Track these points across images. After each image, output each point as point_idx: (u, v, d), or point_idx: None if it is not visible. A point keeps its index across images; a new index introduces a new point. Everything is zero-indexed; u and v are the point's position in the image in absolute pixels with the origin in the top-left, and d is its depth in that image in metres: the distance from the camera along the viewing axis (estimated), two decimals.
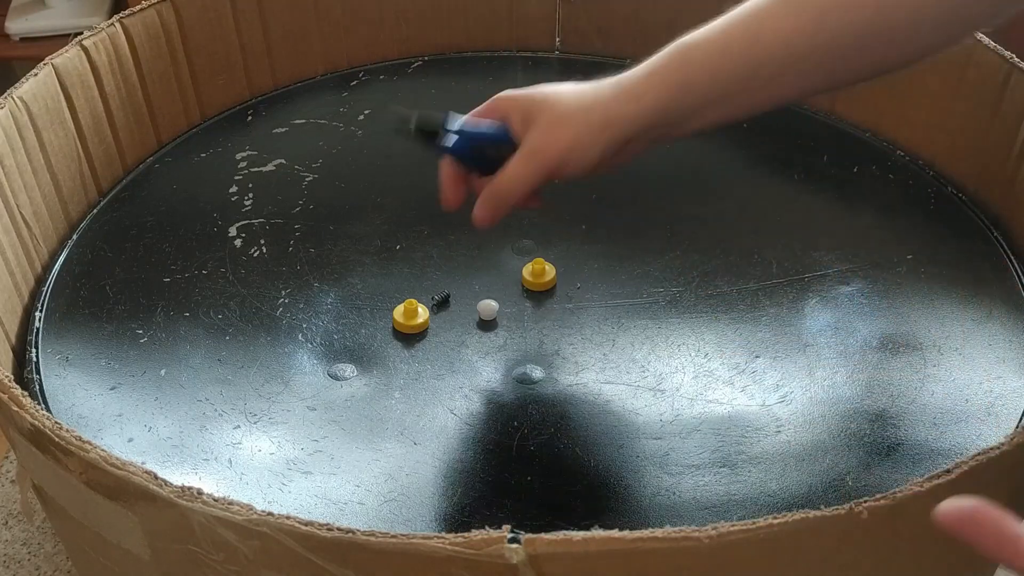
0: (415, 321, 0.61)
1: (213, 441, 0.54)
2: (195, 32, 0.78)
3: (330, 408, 0.56)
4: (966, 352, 0.59)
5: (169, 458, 0.53)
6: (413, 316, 0.61)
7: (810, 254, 0.66)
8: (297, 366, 0.59)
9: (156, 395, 0.57)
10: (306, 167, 0.75)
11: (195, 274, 0.65)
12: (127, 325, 0.61)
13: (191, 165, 0.76)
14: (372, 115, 0.80)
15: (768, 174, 0.75)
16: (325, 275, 0.66)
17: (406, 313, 0.61)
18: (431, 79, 0.85)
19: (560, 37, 0.87)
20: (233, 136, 0.79)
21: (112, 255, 0.67)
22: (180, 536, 0.42)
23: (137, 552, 0.46)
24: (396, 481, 0.52)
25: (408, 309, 0.61)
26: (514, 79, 0.83)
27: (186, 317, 0.62)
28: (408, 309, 0.61)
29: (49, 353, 0.60)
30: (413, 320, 0.61)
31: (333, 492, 0.51)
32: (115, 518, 0.44)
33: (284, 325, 0.62)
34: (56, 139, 0.68)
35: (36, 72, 0.67)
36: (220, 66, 0.80)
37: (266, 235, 0.69)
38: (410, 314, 0.61)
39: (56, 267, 0.66)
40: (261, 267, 0.66)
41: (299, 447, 0.54)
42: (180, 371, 0.58)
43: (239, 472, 0.52)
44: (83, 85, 0.70)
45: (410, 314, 0.61)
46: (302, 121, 0.80)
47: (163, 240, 0.68)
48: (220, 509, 0.40)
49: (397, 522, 0.50)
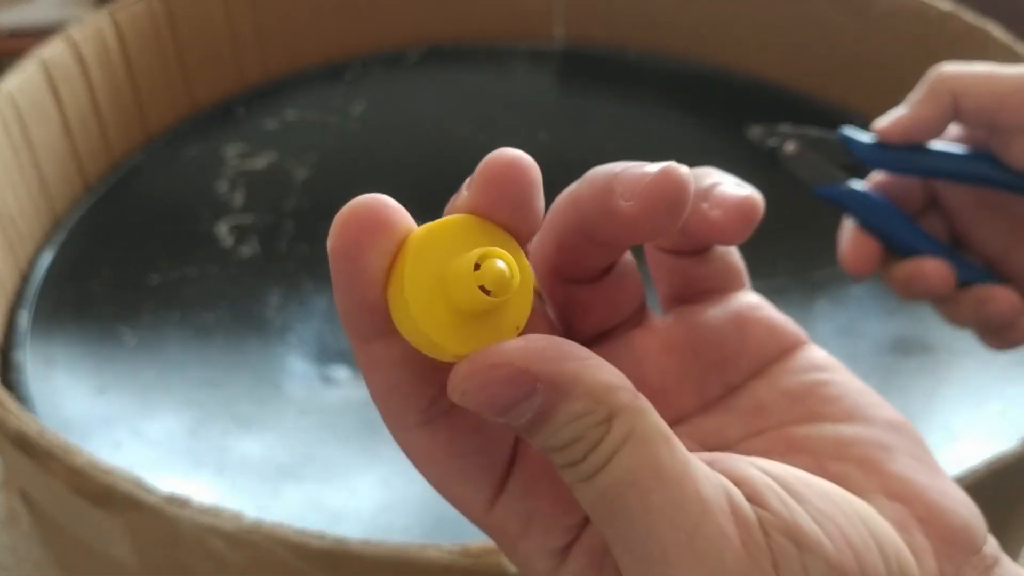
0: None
1: (202, 446, 0.53)
2: (185, 24, 0.77)
3: (323, 412, 0.55)
4: (979, 354, 0.58)
5: (157, 464, 0.52)
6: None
7: (819, 253, 0.65)
8: (289, 369, 0.58)
9: (144, 398, 0.56)
10: (299, 162, 0.74)
11: (184, 273, 0.65)
12: (114, 326, 0.61)
13: (181, 161, 0.75)
14: (367, 108, 0.80)
15: (775, 170, 0.74)
16: (319, 275, 0.65)
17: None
18: (430, 71, 0.84)
19: (561, 27, 0.86)
20: (224, 130, 0.78)
21: (99, 253, 0.66)
22: (168, 544, 0.42)
23: (124, 560, 0.45)
24: (391, 488, 0.51)
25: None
26: (514, 72, 0.83)
27: (175, 318, 0.61)
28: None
29: (35, 354, 0.59)
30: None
31: (326, 499, 0.50)
32: (102, 525, 0.44)
33: (276, 326, 0.61)
34: (42, 134, 0.67)
35: (22, 66, 0.66)
36: (210, 58, 0.80)
37: (258, 233, 0.68)
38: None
39: (42, 265, 0.65)
40: (252, 266, 0.65)
41: (291, 453, 0.53)
42: (169, 374, 0.57)
43: (229, 478, 0.51)
44: (70, 79, 0.69)
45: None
46: (295, 115, 0.79)
47: (152, 238, 0.68)
48: (209, 517, 0.39)
49: (392, 530, 0.49)
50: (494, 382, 0.20)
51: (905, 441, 0.24)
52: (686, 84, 0.80)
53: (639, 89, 0.81)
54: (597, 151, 0.73)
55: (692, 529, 0.19)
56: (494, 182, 0.21)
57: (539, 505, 0.23)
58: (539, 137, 0.75)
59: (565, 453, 0.20)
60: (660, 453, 0.20)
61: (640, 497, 0.20)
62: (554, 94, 0.81)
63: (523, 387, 0.20)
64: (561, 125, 0.77)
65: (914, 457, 0.24)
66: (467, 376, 0.20)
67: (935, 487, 0.23)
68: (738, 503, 0.20)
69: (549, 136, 0.75)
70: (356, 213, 0.20)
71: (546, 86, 0.82)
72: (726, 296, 0.27)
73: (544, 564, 0.23)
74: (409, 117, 0.78)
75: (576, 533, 0.23)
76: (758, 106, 0.78)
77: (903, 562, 0.21)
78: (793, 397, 0.25)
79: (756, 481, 0.21)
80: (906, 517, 0.23)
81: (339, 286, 0.21)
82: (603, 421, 0.20)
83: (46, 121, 0.68)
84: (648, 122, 0.77)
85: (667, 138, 0.75)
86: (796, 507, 0.20)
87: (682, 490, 0.20)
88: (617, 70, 0.82)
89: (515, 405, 0.20)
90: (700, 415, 0.26)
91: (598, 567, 0.22)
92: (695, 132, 0.76)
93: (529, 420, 0.20)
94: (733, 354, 0.26)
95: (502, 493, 0.23)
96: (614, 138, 0.75)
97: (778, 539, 0.20)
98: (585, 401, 0.20)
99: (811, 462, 0.24)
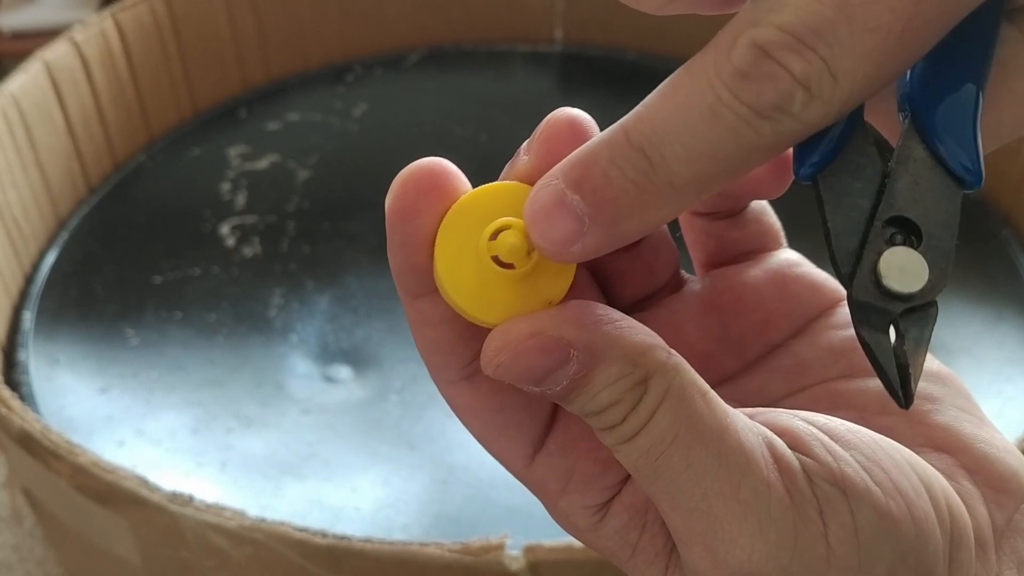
0: None
1: (205, 445, 0.53)
2: (187, 26, 0.77)
3: (325, 411, 0.55)
4: (976, 353, 0.58)
5: (160, 462, 0.52)
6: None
7: (817, 251, 0.66)
8: (291, 368, 0.58)
9: (147, 398, 0.56)
10: (301, 163, 0.74)
11: (187, 274, 0.65)
12: (118, 326, 0.61)
13: (183, 162, 0.75)
14: (368, 110, 0.80)
15: None
16: (320, 275, 0.65)
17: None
18: (429, 73, 0.84)
19: (561, 29, 0.86)
20: (226, 132, 0.78)
21: (102, 254, 0.66)
22: (171, 542, 0.42)
23: (128, 558, 0.45)
24: (392, 486, 0.51)
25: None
26: (515, 74, 0.83)
27: (177, 318, 0.61)
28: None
29: (38, 354, 0.59)
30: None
31: (328, 497, 0.50)
32: (105, 523, 0.44)
33: (278, 326, 0.61)
34: (46, 135, 0.67)
35: (26, 68, 0.66)
36: (213, 60, 0.80)
37: (259, 233, 0.68)
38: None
39: (45, 266, 0.65)
40: (254, 266, 0.65)
41: (293, 451, 0.53)
42: (171, 373, 0.57)
43: (231, 477, 0.52)
44: (74, 80, 0.69)
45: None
46: (297, 116, 0.79)
47: (154, 238, 0.68)
48: (212, 515, 0.40)
49: (393, 528, 0.49)
50: (528, 352, 0.20)
51: (950, 392, 0.24)
52: None
53: (638, 91, 0.80)
54: None
55: (736, 480, 0.19)
56: (552, 144, 0.21)
57: (578, 463, 0.23)
58: None
59: (603, 417, 0.20)
60: (698, 408, 0.20)
61: (682, 453, 0.20)
62: (554, 96, 0.81)
63: (558, 355, 0.20)
64: None
65: (959, 408, 0.23)
66: (499, 349, 0.20)
67: (982, 436, 0.23)
68: (781, 452, 0.20)
69: None
70: (414, 175, 0.21)
71: (546, 88, 0.82)
72: (764, 256, 0.26)
73: (584, 521, 0.23)
74: (410, 118, 0.78)
75: (616, 491, 0.23)
76: None
77: (953, 508, 0.21)
78: (835, 353, 0.25)
79: (799, 430, 0.21)
80: (954, 467, 0.22)
81: (392, 245, 0.21)
82: (640, 382, 0.20)
83: (49, 122, 0.68)
84: None
85: None
86: (843, 454, 0.20)
87: (723, 442, 0.20)
88: (616, 72, 0.82)
89: (551, 374, 0.20)
90: (742, 375, 0.25)
91: (639, 525, 0.22)
92: None
93: (565, 387, 0.20)
94: (774, 313, 0.25)
95: (541, 450, 0.23)
96: None
97: (824, 486, 0.20)
98: (621, 364, 0.20)
99: (856, 416, 0.23)
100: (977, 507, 0.22)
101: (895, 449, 0.21)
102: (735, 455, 0.20)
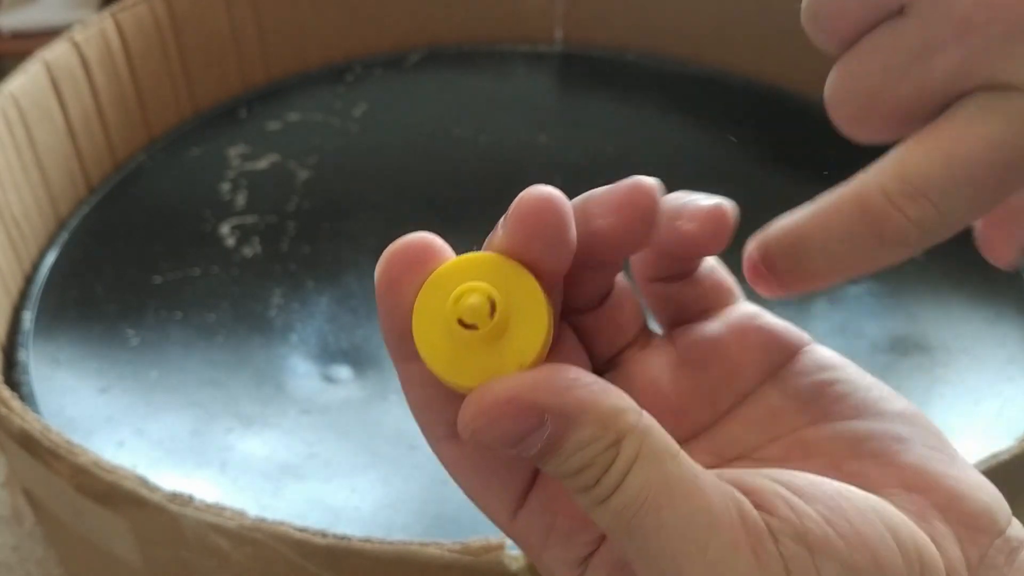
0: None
1: (205, 445, 0.53)
2: (188, 26, 0.77)
3: (325, 411, 0.55)
4: (976, 352, 0.58)
5: (160, 462, 0.52)
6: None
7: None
8: (291, 368, 0.58)
9: (147, 398, 0.56)
10: (301, 163, 0.74)
11: (187, 274, 0.65)
12: (118, 326, 0.61)
13: (183, 162, 0.75)
14: (368, 110, 0.80)
15: (773, 169, 0.74)
16: (320, 275, 0.65)
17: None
18: (430, 73, 0.84)
19: (561, 29, 0.86)
20: (226, 132, 0.78)
21: (102, 254, 0.66)
22: (171, 542, 0.42)
23: (127, 558, 0.45)
24: (392, 486, 0.51)
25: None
26: (515, 74, 0.83)
27: (178, 318, 0.61)
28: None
29: (38, 354, 0.59)
30: None
31: (328, 497, 0.50)
32: (105, 523, 0.44)
33: (278, 326, 0.61)
34: (45, 135, 0.67)
35: (26, 68, 0.66)
36: (213, 60, 0.80)
37: (260, 234, 0.68)
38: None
39: (45, 266, 0.65)
40: (254, 266, 0.65)
41: (293, 451, 0.53)
42: (171, 373, 0.57)
43: (231, 477, 0.51)
44: (74, 80, 0.69)
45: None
46: (297, 116, 0.79)
47: (154, 238, 0.68)
48: (212, 515, 0.39)
49: (393, 528, 0.49)
50: (503, 418, 0.21)
51: (918, 431, 0.24)
52: (685, 86, 0.80)
53: (638, 91, 0.81)
54: (596, 153, 0.73)
55: (704, 541, 0.20)
56: (524, 222, 0.22)
57: (557, 520, 0.23)
58: (539, 139, 0.75)
59: (577, 479, 0.21)
60: (668, 470, 0.20)
61: (653, 515, 0.20)
62: (554, 96, 0.81)
63: (532, 420, 0.20)
64: (561, 127, 0.77)
65: (928, 446, 0.24)
66: (474, 415, 0.21)
67: (952, 474, 0.23)
68: (747, 512, 0.20)
69: (548, 138, 0.75)
70: (400, 249, 0.23)
71: (546, 88, 0.82)
72: (723, 311, 0.27)
73: (566, 574, 0.24)
74: (410, 119, 0.78)
75: (595, 547, 0.23)
76: (757, 109, 0.78)
77: (923, 552, 0.21)
78: (804, 399, 0.25)
79: (764, 489, 0.21)
80: (925, 507, 0.22)
81: (380, 312, 0.23)
82: (612, 445, 0.20)
83: (49, 122, 0.68)
84: (647, 124, 0.77)
85: (666, 140, 0.75)
86: (805, 510, 0.20)
87: (692, 504, 0.20)
88: (616, 73, 0.82)
89: (525, 438, 0.21)
90: (717, 426, 0.26)
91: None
92: (694, 134, 0.76)
93: (540, 450, 0.21)
94: (739, 364, 0.26)
95: (523, 506, 0.24)
96: (613, 140, 0.75)
97: (789, 545, 0.20)
98: (593, 428, 0.20)
99: (828, 463, 0.24)
100: (950, 548, 0.22)
101: (860, 498, 0.21)
102: (703, 516, 0.20)
